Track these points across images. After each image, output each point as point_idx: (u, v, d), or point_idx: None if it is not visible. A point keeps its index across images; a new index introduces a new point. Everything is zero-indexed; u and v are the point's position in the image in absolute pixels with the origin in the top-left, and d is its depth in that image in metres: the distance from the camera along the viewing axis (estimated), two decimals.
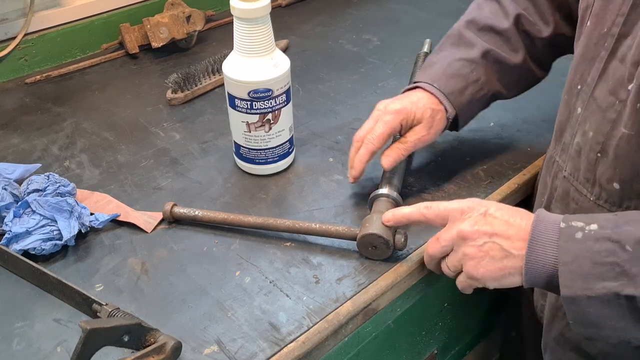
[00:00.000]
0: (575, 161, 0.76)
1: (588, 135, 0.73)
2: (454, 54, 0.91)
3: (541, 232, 0.67)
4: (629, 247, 0.62)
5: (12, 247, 0.79)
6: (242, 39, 0.85)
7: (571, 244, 0.65)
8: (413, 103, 0.86)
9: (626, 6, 0.67)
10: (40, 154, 1.00)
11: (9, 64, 1.19)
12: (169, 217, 0.85)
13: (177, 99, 1.12)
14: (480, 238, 0.69)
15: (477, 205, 0.71)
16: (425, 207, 0.74)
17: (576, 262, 0.64)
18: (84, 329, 0.60)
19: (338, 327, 0.72)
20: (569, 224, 0.66)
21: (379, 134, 0.84)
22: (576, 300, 0.65)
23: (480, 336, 1.17)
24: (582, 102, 0.75)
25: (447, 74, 0.89)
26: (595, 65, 0.72)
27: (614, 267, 0.63)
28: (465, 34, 0.92)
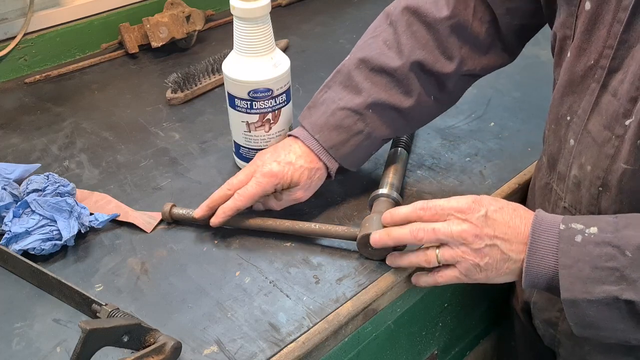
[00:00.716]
0: (574, 194, 0.75)
1: (586, 169, 0.72)
2: (340, 99, 0.85)
3: (541, 234, 0.67)
4: (629, 253, 0.63)
5: (12, 247, 0.79)
6: (242, 39, 0.85)
7: (571, 247, 0.65)
8: (290, 164, 0.83)
9: (612, 39, 0.66)
10: (40, 154, 1.00)
11: (8, 64, 1.19)
12: (167, 218, 0.85)
13: (176, 99, 1.12)
14: (481, 241, 0.68)
15: (476, 205, 0.70)
16: (422, 208, 0.72)
17: (576, 266, 0.65)
18: (84, 329, 0.59)
19: (338, 327, 0.72)
20: (568, 225, 0.67)
21: (250, 194, 0.81)
22: (576, 303, 0.65)
23: (480, 336, 1.17)
24: (575, 134, 0.73)
25: (330, 125, 0.84)
26: (586, 97, 0.71)
27: (614, 272, 0.63)
28: (354, 76, 0.85)
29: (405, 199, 0.89)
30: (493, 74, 1.21)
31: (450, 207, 0.70)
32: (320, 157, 0.85)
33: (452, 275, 0.72)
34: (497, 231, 0.69)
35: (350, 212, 0.87)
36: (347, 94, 0.85)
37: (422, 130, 1.03)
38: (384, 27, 0.88)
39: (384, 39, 0.86)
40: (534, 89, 1.15)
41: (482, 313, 1.12)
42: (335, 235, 0.80)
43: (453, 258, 0.70)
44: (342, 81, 0.87)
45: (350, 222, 0.86)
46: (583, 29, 0.69)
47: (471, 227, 0.69)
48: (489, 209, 0.70)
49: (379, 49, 0.86)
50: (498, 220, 0.69)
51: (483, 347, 1.20)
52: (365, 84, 0.85)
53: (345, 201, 0.89)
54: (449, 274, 0.72)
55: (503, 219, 0.69)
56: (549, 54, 1.27)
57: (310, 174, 0.84)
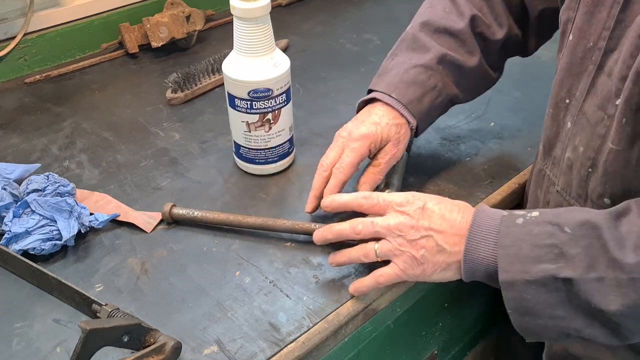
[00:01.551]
0: (567, 176, 0.76)
1: (579, 150, 0.72)
2: (410, 60, 0.88)
3: (481, 222, 0.68)
4: (568, 229, 0.63)
5: (12, 247, 0.79)
6: (242, 39, 0.85)
7: (512, 228, 0.66)
8: (376, 124, 0.84)
9: (611, 20, 0.66)
10: (40, 154, 1.00)
11: (8, 64, 1.19)
12: (167, 218, 0.85)
13: (176, 99, 1.12)
14: (417, 232, 0.69)
15: (415, 199, 0.71)
16: (364, 197, 0.73)
17: (515, 245, 0.65)
18: (84, 329, 0.59)
19: (338, 327, 0.72)
20: (511, 212, 0.68)
21: (348, 163, 0.82)
22: (514, 285, 0.65)
23: (480, 336, 1.17)
24: (572, 117, 0.74)
25: (404, 82, 0.86)
26: (583, 79, 0.71)
27: (553, 248, 0.63)
28: (420, 37, 0.89)
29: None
30: None
31: (391, 200, 0.72)
32: (402, 112, 0.86)
33: (392, 272, 0.71)
34: (433, 223, 0.69)
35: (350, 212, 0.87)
36: (416, 54, 0.88)
37: None
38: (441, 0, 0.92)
39: (443, 7, 0.91)
40: (534, 89, 1.15)
41: (482, 313, 1.12)
42: None
43: (391, 251, 0.70)
44: (408, 45, 0.90)
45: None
46: (585, 11, 0.69)
47: (408, 218, 0.70)
48: (427, 202, 0.71)
49: (439, 14, 0.90)
50: (435, 212, 0.70)
51: (483, 347, 1.20)
52: (432, 43, 0.88)
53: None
54: (388, 272, 0.71)
55: (440, 211, 0.70)
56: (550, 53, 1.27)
57: (397, 128, 0.85)
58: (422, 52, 0.88)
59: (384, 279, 0.72)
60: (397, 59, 0.90)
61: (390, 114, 0.85)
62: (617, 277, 0.61)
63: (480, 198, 0.89)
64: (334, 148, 0.85)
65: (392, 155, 0.85)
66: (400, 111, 0.85)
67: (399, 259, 0.70)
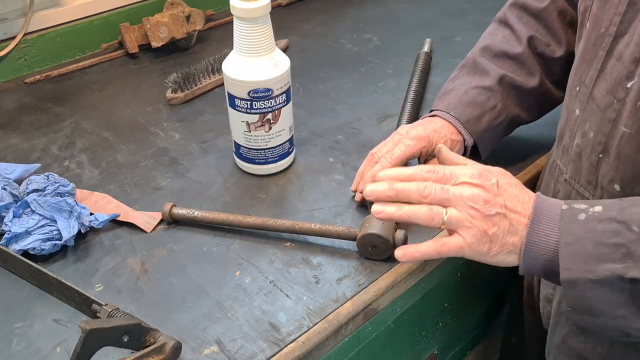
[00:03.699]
0: (576, 164, 0.76)
1: (589, 136, 0.72)
2: (470, 82, 0.91)
3: (542, 212, 0.65)
4: (636, 228, 0.60)
5: (12, 247, 0.79)
6: (242, 39, 0.85)
7: (574, 225, 0.62)
8: (435, 131, 0.86)
9: (623, 5, 0.67)
10: (40, 154, 1.00)
11: (8, 64, 1.19)
12: (168, 218, 0.85)
13: (176, 99, 1.12)
14: (493, 208, 0.65)
15: (488, 173, 0.67)
16: (429, 170, 0.68)
17: (578, 243, 0.61)
18: (84, 329, 0.59)
19: (338, 327, 0.72)
20: (571, 206, 0.64)
21: (398, 156, 0.84)
22: (577, 284, 0.62)
23: (480, 336, 1.17)
24: (581, 104, 0.74)
25: (464, 102, 0.89)
26: (593, 65, 0.72)
27: (619, 248, 0.60)
28: (480, 61, 0.92)
29: None
30: None
31: (461, 173, 0.67)
32: (459, 129, 0.87)
33: (456, 244, 0.66)
34: (508, 202, 0.65)
35: (350, 212, 0.87)
36: (476, 77, 0.91)
37: None
38: (499, 29, 0.95)
39: (502, 35, 0.93)
40: None
41: (483, 312, 1.12)
42: (335, 235, 0.80)
43: (461, 222, 0.65)
44: (468, 70, 0.93)
45: (350, 222, 0.86)
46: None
47: (484, 192, 0.65)
48: (500, 180, 0.67)
49: (498, 40, 0.93)
50: (509, 192, 0.66)
51: (483, 347, 1.20)
52: (492, 66, 0.91)
53: (345, 201, 0.89)
54: (453, 243, 0.66)
55: (513, 191, 0.66)
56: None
57: (453, 144, 0.87)
58: (482, 75, 0.91)
59: (446, 248, 0.66)
60: (458, 82, 0.93)
61: (449, 129, 0.88)
62: None
63: None
64: (388, 142, 0.87)
65: None
66: (457, 128, 0.88)
67: (468, 231, 0.65)
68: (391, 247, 0.77)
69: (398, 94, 1.13)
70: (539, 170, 0.95)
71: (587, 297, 0.62)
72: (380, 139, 1.00)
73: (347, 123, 1.07)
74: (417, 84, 1.10)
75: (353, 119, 1.08)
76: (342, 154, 0.99)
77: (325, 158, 0.98)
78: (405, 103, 1.06)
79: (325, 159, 0.98)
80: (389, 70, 1.22)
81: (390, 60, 1.25)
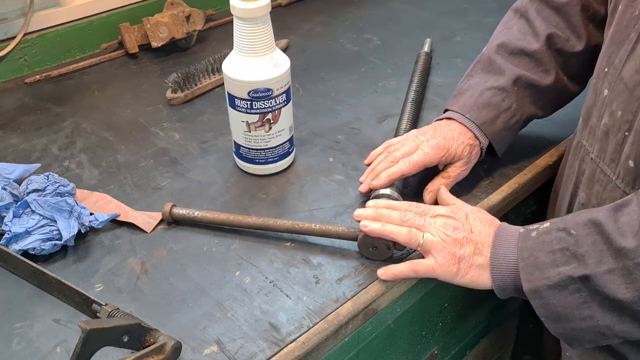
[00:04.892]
0: (602, 142, 0.77)
1: (616, 115, 0.73)
2: (485, 82, 0.91)
3: (502, 236, 0.74)
4: (573, 231, 0.67)
5: (12, 247, 0.79)
6: (242, 39, 0.85)
7: (528, 242, 0.71)
8: (453, 140, 0.87)
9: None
10: (40, 154, 1.00)
11: (8, 64, 1.19)
12: (168, 218, 0.85)
13: (176, 99, 1.12)
14: (462, 233, 0.74)
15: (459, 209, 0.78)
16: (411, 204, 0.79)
17: (532, 256, 0.70)
18: (84, 329, 0.59)
19: (338, 327, 0.72)
20: (526, 228, 0.73)
21: (416, 162, 0.85)
22: (538, 292, 0.69)
23: (480, 336, 1.17)
24: (609, 84, 0.75)
25: (479, 104, 0.89)
26: (624, 47, 0.72)
27: (564, 251, 0.67)
28: (496, 59, 0.92)
29: (406, 198, 0.89)
30: None
31: (438, 207, 0.78)
32: (475, 133, 0.89)
33: (429, 265, 0.74)
34: (475, 229, 0.75)
35: (350, 212, 0.87)
36: (491, 77, 0.91)
37: None
38: (514, 20, 0.94)
39: (518, 29, 0.93)
40: None
41: (482, 312, 1.12)
42: (335, 235, 0.80)
43: (434, 244, 0.74)
44: (483, 67, 0.93)
45: (350, 222, 0.86)
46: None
47: (454, 221, 0.76)
48: (470, 213, 0.77)
49: (514, 35, 0.92)
50: (476, 222, 0.76)
51: (483, 347, 1.20)
52: (507, 65, 0.91)
53: (345, 201, 0.89)
54: (425, 264, 0.75)
55: (480, 221, 0.76)
56: None
57: (470, 149, 0.88)
58: (497, 75, 0.91)
59: (420, 268, 0.75)
60: (473, 80, 0.93)
61: (466, 134, 0.88)
62: (625, 265, 0.64)
63: (481, 198, 0.89)
64: (407, 144, 0.88)
65: (461, 172, 0.88)
66: (474, 132, 0.88)
67: (440, 253, 0.74)
68: (391, 247, 0.77)
69: (398, 94, 1.13)
70: (539, 170, 0.95)
71: (551, 303, 0.69)
72: (380, 139, 1.00)
73: (347, 123, 1.07)
74: (417, 84, 1.10)
75: (353, 119, 1.08)
76: (342, 154, 0.99)
77: (325, 158, 0.98)
78: (405, 103, 1.06)
79: (325, 159, 0.98)
80: (389, 70, 1.22)
81: (390, 60, 1.25)
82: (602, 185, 0.77)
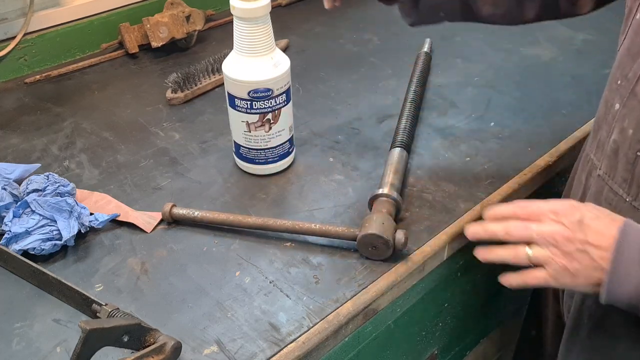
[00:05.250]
0: (611, 160, 0.74)
1: (627, 132, 0.70)
2: None
3: (625, 248, 0.64)
4: None
5: (12, 247, 0.79)
6: (242, 39, 0.85)
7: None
8: None
9: None
10: (40, 154, 1.00)
11: (8, 64, 1.19)
12: (168, 218, 0.85)
13: (176, 99, 1.12)
14: (572, 244, 0.66)
15: (573, 209, 0.68)
16: (519, 206, 0.71)
17: None
18: (84, 329, 0.59)
19: (338, 327, 0.72)
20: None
21: None
22: None
23: (480, 336, 1.17)
24: (621, 98, 0.72)
25: None
26: (638, 60, 0.69)
27: None
28: None
29: (406, 199, 0.89)
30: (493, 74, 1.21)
31: (547, 209, 0.69)
32: None
33: (541, 276, 0.69)
34: (590, 237, 0.65)
35: (350, 212, 0.87)
36: None
37: (422, 130, 1.03)
38: None
39: None
40: (534, 89, 1.15)
41: (482, 312, 1.12)
42: (335, 235, 0.80)
43: (543, 258, 0.68)
44: None
45: (350, 222, 0.86)
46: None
47: (563, 229, 0.67)
48: (585, 215, 0.67)
49: None
50: (592, 227, 0.66)
51: (483, 347, 1.20)
52: None
53: (345, 201, 0.89)
54: (537, 275, 0.69)
55: (598, 226, 0.66)
56: (550, 54, 1.27)
57: None
58: None
59: (532, 281, 0.70)
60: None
61: None
62: None
63: (480, 198, 0.89)
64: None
65: None
66: None
67: (551, 267, 0.67)
68: (391, 247, 0.77)
69: (398, 94, 1.13)
70: (539, 170, 0.95)
71: None
72: (380, 138, 1.01)
73: (347, 123, 1.07)
74: (417, 84, 1.10)
75: (353, 119, 1.08)
76: (342, 154, 0.99)
77: (325, 158, 0.98)
78: (405, 103, 1.06)
79: (325, 159, 0.98)
80: (389, 70, 1.22)
81: (390, 60, 1.25)
82: (612, 205, 0.74)
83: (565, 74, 1.19)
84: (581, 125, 1.04)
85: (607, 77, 0.78)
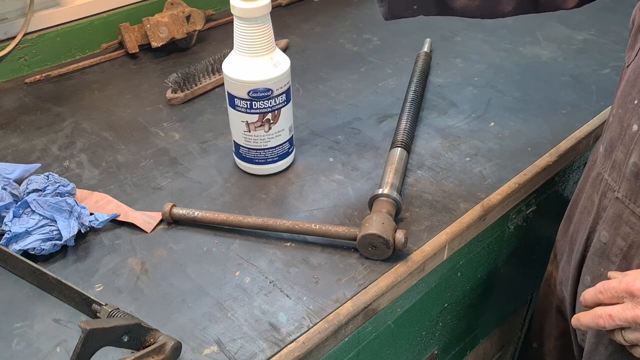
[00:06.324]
0: (631, 183, 0.72)
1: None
2: None
3: None
4: None
5: (12, 247, 0.79)
6: (242, 39, 0.85)
7: None
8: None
9: None
10: (40, 154, 1.00)
11: (8, 64, 1.19)
12: (168, 218, 0.85)
13: (176, 99, 1.12)
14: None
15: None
16: (600, 291, 0.69)
17: None
18: (84, 329, 0.59)
19: (338, 327, 0.72)
20: None
21: None
22: None
23: (480, 336, 1.17)
24: (639, 119, 0.70)
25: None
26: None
27: None
28: None
29: (406, 199, 0.89)
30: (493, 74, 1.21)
31: (622, 290, 0.68)
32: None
33: None
34: None
35: (350, 212, 0.87)
36: None
37: (422, 130, 1.03)
38: None
39: None
40: (534, 89, 1.15)
41: (482, 313, 1.12)
42: (335, 235, 0.80)
43: (637, 339, 0.67)
44: None
45: (350, 222, 0.86)
46: None
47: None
48: None
49: None
50: None
51: (483, 347, 1.20)
52: None
53: (345, 201, 0.89)
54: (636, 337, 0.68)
55: None
56: (550, 54, 1.27)
57: None
58: None
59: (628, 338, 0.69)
60: None
61: None
62: None
63: (480, 198, 0.89)
64: None
65: None
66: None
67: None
68: (391, 247, 0.77)
69: (398, 94, 1.13)
70: (538, 170, 0.95)
71: None
72: (380, 138, 1.01)
73: (347, 123, 1.07)
74: (417, 84, 1.10)
75: (353, 119, 1.08)
76: (342, 154, 0.99)
77: (325, 158, 0.98)
78: (405, 103, 1.06)
79: (325, 159, 0.98)
80: (389, 70, 1.22)
81: (390, 60, 1.25)
82: (633, 228, 0.73)
83: (565, 73, 1.19)
84: (581, 125, 1.04)
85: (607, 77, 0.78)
